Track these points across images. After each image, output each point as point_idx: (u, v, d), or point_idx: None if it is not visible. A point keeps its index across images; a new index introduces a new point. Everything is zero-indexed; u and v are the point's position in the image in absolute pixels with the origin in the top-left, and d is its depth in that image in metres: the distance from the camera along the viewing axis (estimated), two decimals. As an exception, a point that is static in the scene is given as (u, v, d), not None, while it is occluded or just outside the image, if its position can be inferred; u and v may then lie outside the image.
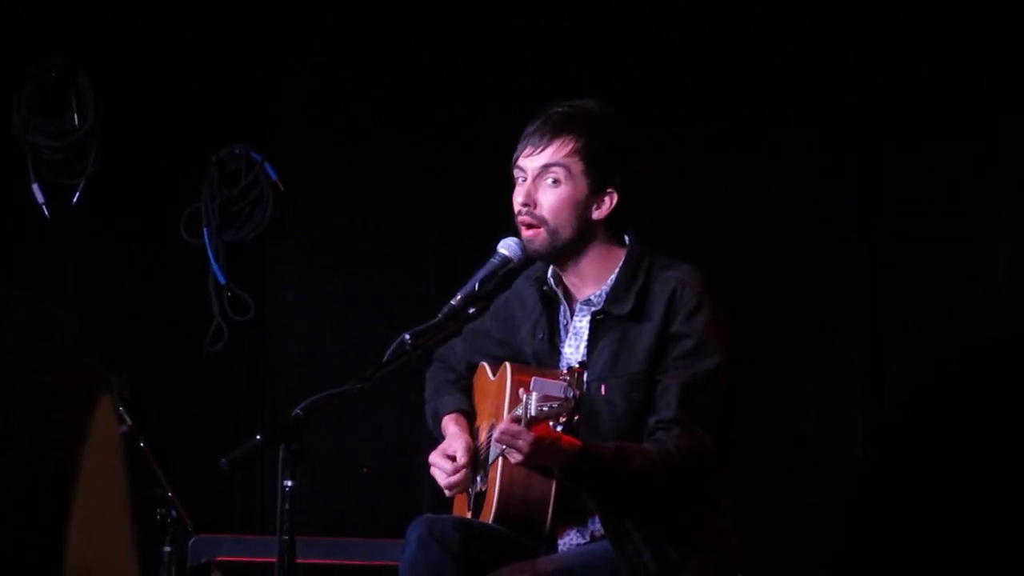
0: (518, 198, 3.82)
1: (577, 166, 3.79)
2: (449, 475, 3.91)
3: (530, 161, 3.82)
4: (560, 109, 3.84)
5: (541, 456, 3.53)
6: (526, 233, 3.81)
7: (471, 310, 3.72)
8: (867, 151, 4.96)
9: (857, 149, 4.97)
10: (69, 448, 1.43)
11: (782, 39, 5.04)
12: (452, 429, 4.01)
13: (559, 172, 3.79)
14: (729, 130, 5.10)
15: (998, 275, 4.77)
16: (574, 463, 3.54)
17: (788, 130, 5.05)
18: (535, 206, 3.80)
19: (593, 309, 3.82)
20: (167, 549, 4.42)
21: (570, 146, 3.79)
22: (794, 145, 5.05)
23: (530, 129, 3.84)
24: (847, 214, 4.97)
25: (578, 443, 3.51)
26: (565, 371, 3.41)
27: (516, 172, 3.86)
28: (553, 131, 3.81)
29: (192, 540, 4.43)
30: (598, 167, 3.79)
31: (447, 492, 3.97)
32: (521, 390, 3.52)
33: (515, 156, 3.86)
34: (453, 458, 3.92)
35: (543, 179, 3.81)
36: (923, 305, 4.88)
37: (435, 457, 3.96)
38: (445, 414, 4.07)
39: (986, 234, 4.80)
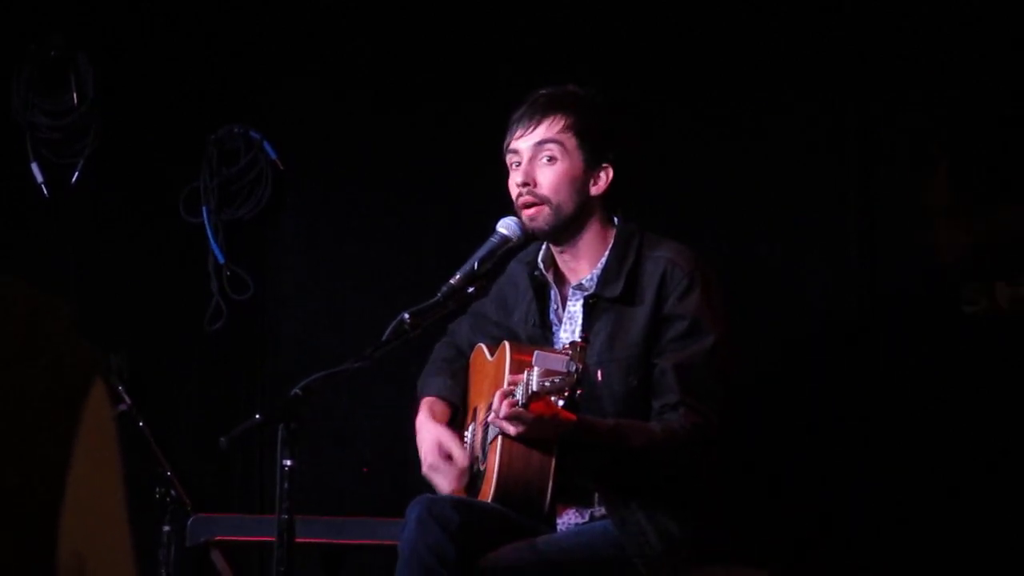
0: (516, 179, 3.82)
1: (571, 141, 3.81)
2: (453, 480, 3.92)
3: (523, 141, 3.82)
4: (545, 92, 3.87)
5: (540, 430, 3.55)
6: (528, 212, 3.81)
7: (470, 289, 3.72)
8: (866, 136, 4.96)
9: (854, 124, 4.97)
10: (63, 434, 1.41)
11: (781, 16, 5.04)
12: (427, 425, 4.01)
13: (554, 148, 3.80)
14: (727, 104, 5.09)
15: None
16: (568, 437, 3.56)
17: (786, 107, 5.04)
18: (535, 185, 3.80)
19: (586, 293, 3.82)
20: (166, 528, 4.42)
21: (561, 123, 3.81)
22: (791, 121, 5.04)
23: (518, 114, 3.86)
24: (845, 205, 4.97)
25: (573, 417, 3.52)
26: (567, 345, 3.40)
27: (509, 156, 3.86)
28: (543, 110, 3.83)
29: (191, 519, 4.43)
30: (591, 143, 3.82)
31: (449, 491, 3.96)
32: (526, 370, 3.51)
33: (506, 141, 3.87)
34: (449, 456, 3.93)
35: (539, 158, 3.81)
36: (922, 287, 4.88)
37: (432, 458, 3.95)
38: (424, 396, 4.08)
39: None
